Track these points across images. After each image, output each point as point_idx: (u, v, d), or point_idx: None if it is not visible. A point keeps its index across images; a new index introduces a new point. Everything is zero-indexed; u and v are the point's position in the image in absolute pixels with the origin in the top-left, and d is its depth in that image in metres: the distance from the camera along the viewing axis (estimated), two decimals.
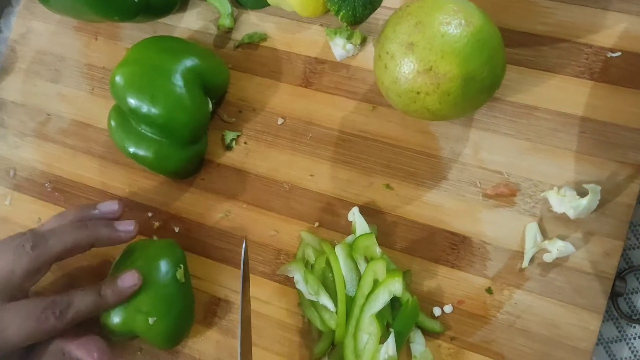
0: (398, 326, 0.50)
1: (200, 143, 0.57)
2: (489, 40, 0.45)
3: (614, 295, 0.49)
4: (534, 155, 0.51)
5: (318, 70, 0.57)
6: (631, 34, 0.50)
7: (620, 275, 0.49)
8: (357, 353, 0.50)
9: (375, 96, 0.55)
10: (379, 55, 0.47)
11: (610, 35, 0.51)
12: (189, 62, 0.54)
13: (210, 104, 0.56)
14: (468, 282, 0.51)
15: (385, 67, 0.46)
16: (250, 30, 0.60)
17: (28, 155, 0.65)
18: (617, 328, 0.50)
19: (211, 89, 0.56)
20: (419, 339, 0.51)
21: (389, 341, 0.48)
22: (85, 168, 0.63)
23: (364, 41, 0.56)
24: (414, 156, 0.54)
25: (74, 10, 0.57)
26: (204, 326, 0.56)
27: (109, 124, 0.56)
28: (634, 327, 0.50)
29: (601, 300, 0.47)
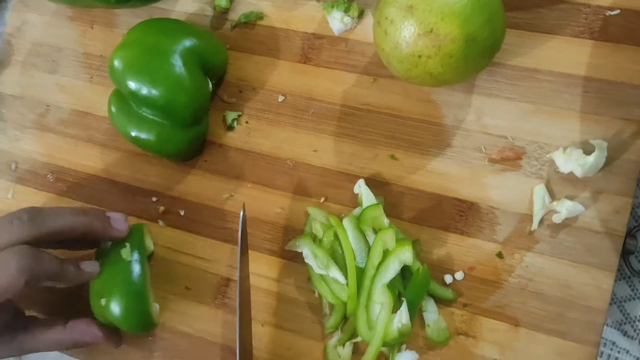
0: (410, 295, 0.49)
1: (201, 124, 0.57)
2: (489, 1, 0.45)
3: (625, 254, 0.49)
4: (538, 118, 0.50)
5: (316, 46, 0.57)
6: None
7: (630, 233, 0.49)
8: (370, 324, 0.49)
9: (375, 68, 0.55)
10: (378, 21, 0.47)
11: None
12: (187, 43, 0.54)
13: (210, 84, 0.56)
14: (478, 248, 0.50)
15: (385, 33, 0.46)
16: (246, 10, 0.59)
17: (29, 147, 0.65)
18: (630, 286, 0.50)
19: (210, 70, 0.56)
20: (432, 307, 0.50)
21: (401, 310, 0.48)
22: (87, 157, 0.62)
23: (361, 14, 0.56)
24: (417, 125, 0.53)
25: None
26: (213, 308, 0.56)
27: (109, 110, 0.56)
28: None
29: (613, 258, 0.47)
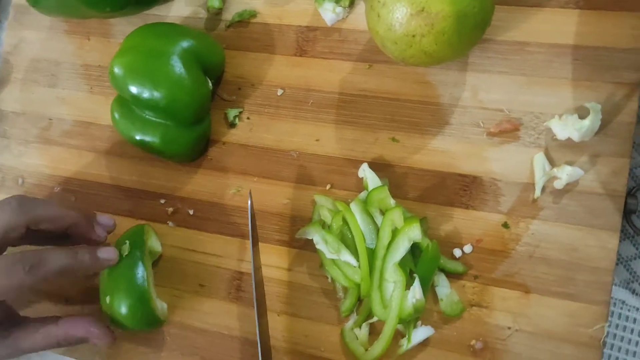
0: (421, 271, 0.50)
1: (204, 123, 0.58)
2: None
3: (627, 213, 0.50)
4: (532, 89, 0.52)
5: (311, 38, 0.58)
6: None
7: (630, 193, 0.50)
8: (385, 303, 0.50)
9: (370, 55, 0.56)
10: (371, 5, 0.48)
11: None
12: (184, 44, 0.55)
13: (209, 83, 0.57)
14: (484, 220, 0.52)
15: (378, 16, 0.47)
16: (239, 9, 0.61)
17: (34, 161, 0.65)
18: (635, 246, 0.51)
19: (209, 69, 0.57)
20: (443, 281, 0.51)
21: (414, 285, 0.49)
22: (93, 166, 0.63)
23: (352, 3, 0.57)
24: (415, 107, 0.55)
25: (65, 7, 0.58)
26: (228, 302, 0.57)
27: (112, 117, 0.57)
28: None
29: (616, 218, 0.48)
